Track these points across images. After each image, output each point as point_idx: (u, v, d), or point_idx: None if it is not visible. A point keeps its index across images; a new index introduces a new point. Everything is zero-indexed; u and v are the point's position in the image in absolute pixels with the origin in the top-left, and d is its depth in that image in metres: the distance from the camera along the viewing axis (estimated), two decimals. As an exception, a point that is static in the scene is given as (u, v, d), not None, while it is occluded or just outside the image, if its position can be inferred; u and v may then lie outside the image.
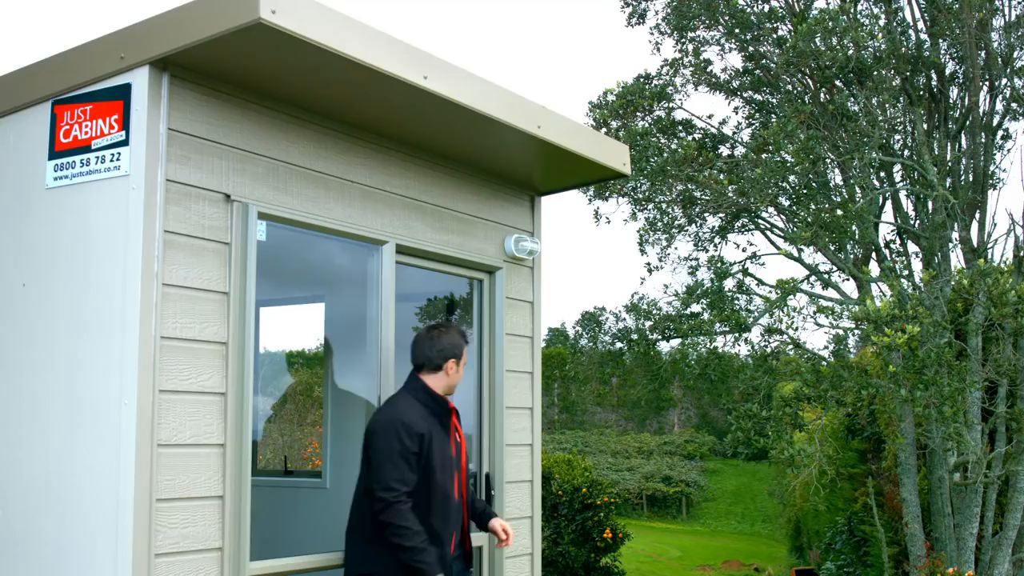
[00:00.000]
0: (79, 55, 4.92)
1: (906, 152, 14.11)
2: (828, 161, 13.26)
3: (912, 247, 14.37)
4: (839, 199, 12.53)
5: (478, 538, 6.26)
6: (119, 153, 4.68)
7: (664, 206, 14.44)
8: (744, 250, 14.59)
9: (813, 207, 12.16)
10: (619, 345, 14.16)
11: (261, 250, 5.08)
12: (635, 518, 35.53)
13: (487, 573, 6.47)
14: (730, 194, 12.54)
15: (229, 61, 4.75)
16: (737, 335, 13.02)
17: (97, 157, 4.76)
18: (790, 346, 12.36)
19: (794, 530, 28.66)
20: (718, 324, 12.73)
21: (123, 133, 4.68)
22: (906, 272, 13.48)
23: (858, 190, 13.35)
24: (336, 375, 7.50)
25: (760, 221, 14.94)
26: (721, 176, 12.33)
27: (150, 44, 4.61)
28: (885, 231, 14.61)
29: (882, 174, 14.46)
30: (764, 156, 12.33)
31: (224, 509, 4.83)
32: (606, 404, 45.09)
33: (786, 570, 26.88)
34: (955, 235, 13.66)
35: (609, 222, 15.29)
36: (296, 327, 8.10)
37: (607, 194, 14.89)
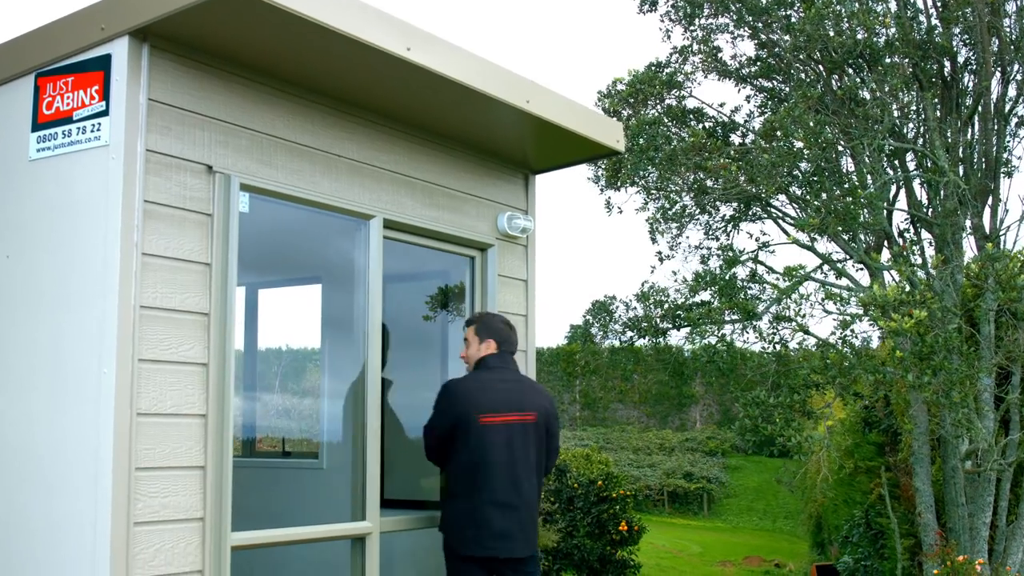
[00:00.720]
0: (61, 27, 4.93)
1: (919, 141, 14.02)
2: (839, 148, 13.20)
3: (925, 236, 14.29)
4: (849, 186, 12.45)
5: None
6: (99, 124, 4.69)
7: (674, 195, 14.39)
8: (757, 240, 14.53)
9: (823, 194, 12.08)
10: (630, 334, 14.12)
11: (257, 230, 5.09)
12: (656, 514, 35.49)
13: None
14: (740, 181, 12.48)
15: (209, 32, 4.75)
16: (745, 323, 12.96)
17: (78, 128, 4.77)
18: (799, 333, 12.30)
19: (815, 526, 28.54)
20: (727, 312, 12.67)
21: (103, 104, 4.69)
22: (919, 260, 13.39)
23: (868, 177, 13.27)
24: (331, 356, 7.50)
25: (772, 210, 14.88)
26: (731, 164, 12.26)
27: (129, 14, 4.61)
28: (898, 220, 14.54)
29: (896, 162, 14.38)
30: (773, 143, 12.27)
31: (206, 479, 4.83)
32: (628, 401, 45.02)
33: (807, 566, 26.76)
34: (968, 223, 13.57)
35: (621, 212, 15.27)
36: (294, 309, 8.09)
37: (618, 184, 14.85)
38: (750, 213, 15.03)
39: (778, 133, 11.89)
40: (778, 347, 12.58)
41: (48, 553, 4.64)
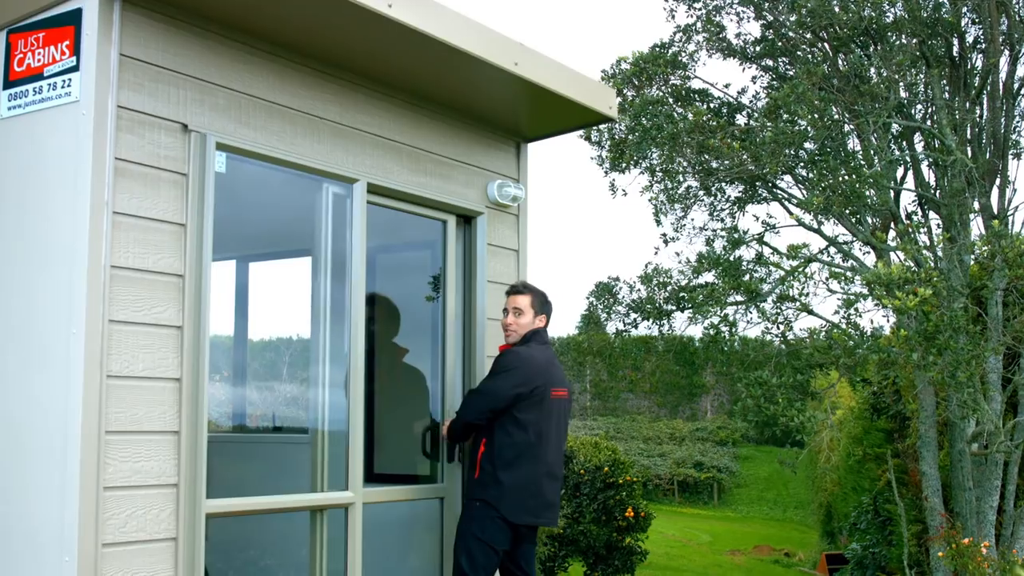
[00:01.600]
0: (32, -19, 4.82)
1: (927, 121, 13.85)
2: (845, 128, 13.05)
3: (933, 218, 14.13)
4: (854, 165, 12.29)
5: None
6: (70, 79, 4.57)
7: (680, 177, 14.24)
8: (764, 222, 14.36)
9: (827, 172, 11.92)
10: (633, 316, 13.98)
11: (243, 201, 4.98)
12: (666, 504, 35.42)
13: None
14: (744, 160, 12.33)
15: (182, -16, 4.64)
16: (749, 304, 12.81)
17: (49, 84, 4.65)
18: (803, 313, 12.15)
19: (825, 515, 28.44)
20: (731, 293, 12.52)
21: (74, 59, 4.57)
22: (925, 241, 13.24)
23: (875, 157, 13.11)
24: (320, 329, 7.36)
25: (778, 191, 14.73)
26: (735, 143, 12.11)
27: (100, -34, 4.50)
28: (906, 202, 14.39)
29: (903, 143, 14.22)
30: (777, 121, 12.11)
31: (180, 445, 4.71)
32: (638, 391, 44.89)
33: (817, 555, 26.66)
34: (975, 204, 13.41)
35: (626, 194, 15.13)
36: (284, 282, 7.96)
37: (622, 166, 14.70)
38: (755, 195, 14.87)
39: (782, 111, 11.73)
40: (781, 327, 12.44)
41: (18, 520, 4.53)
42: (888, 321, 11.91)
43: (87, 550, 4.35)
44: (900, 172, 14.56)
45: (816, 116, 11.60)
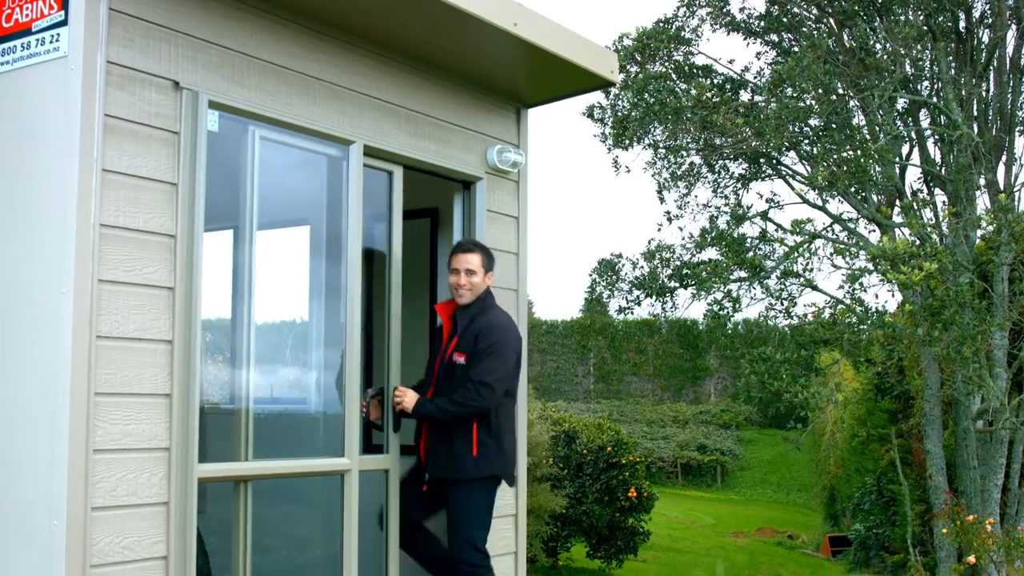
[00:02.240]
0: (20, -65, 4.71)
1: (934, 98, 13.73)
2: (850, 103, 12.93)
3: (939, 196, 14.03)
4: (859, 140, 12.17)
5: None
6: (58, 34, 4.47)
7: (683, 153, 14.13)
8: (768, 200, 14.25)
9: (832, 147, 11.80)
10: (636, 294, 13.88)
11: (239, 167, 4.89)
12: (669, 486, 35.37)
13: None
14: (748, 135, 12.21)
15: (173, -63, 4.53)
16: (752, 280, 12.71)
17: (37, 40, 4.55)
18: (806, 289, 12.06)
19: (829, 498, 28.40)
20: (735, 268, 12.42)
21: (62, 13, 4.47)
22: (931, 219, 13.14)
23: (880, 133, 13.00)
24: (316, 299, 7.27)
25: (782, 168, 14.62)
26: (738, 118, 11.99)
27: (89, -83, 4.39)
28: (911, 178, 14.30)
29: (909, 120, 14.11)
30: (780, 95, 11.99)
31: (172, 408, 4.62)
32: (642, 374, 44.85)
33: (820, 537, 26.61)
34: (982, 180, 13.30)
35: (629, 171, 15.02)
36: (282, 253, 7.85)
37: (625, 142, 14.59)
38: (759, 172, 14.76)
39: (786, 84, 11.61)
40: (785, 303, 12.34)
41: (8, 482, 4.44)
42: (893, 296, 11.81)
43: (76, 513, 4.27)
44: (905, 149, 14.45)
45: (821, 91, 11.47)
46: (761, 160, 14.40)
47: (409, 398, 5.86)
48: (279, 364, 6.38)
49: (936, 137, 13.75)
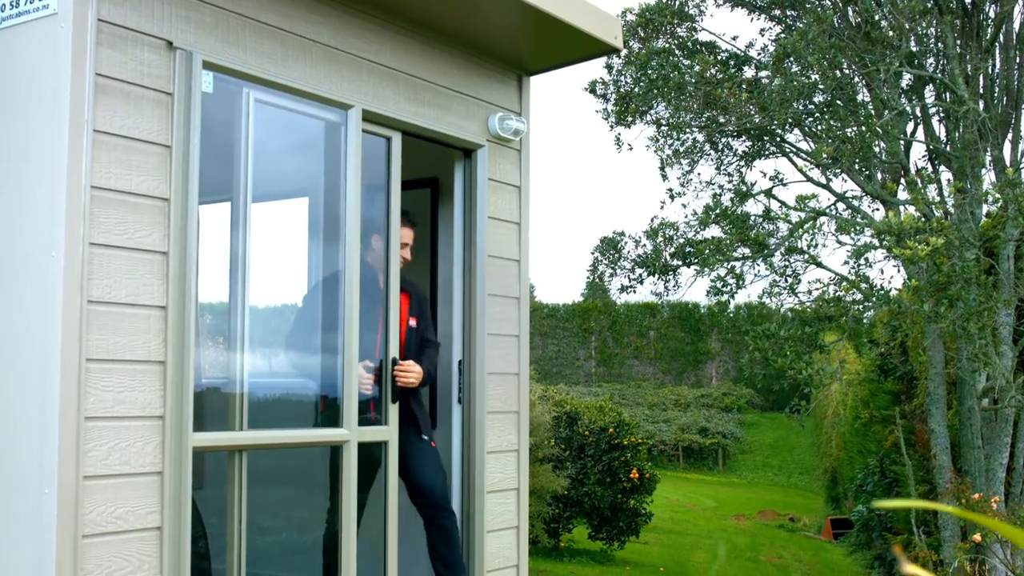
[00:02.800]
0: None
1: (940, 75, 13.60)
2: (855, 79, 12.80)
3: (945, 175, 13.91)
4: (864, 115, 12.04)
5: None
6: (48, -9, 4.35)
7: (685, 127, 14.00)
8: (772, 178, 14.12)
9: (836, 123, 11.67)
10: (639, 272, 13.76)
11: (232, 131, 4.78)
12: (671, 470, 35.35)
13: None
14: (751, 112, 12.09)
15: None
16: (756, 257, 12.59)
17: (26, -3, 4.43)
18: (810, 266, 11.94)
19: (830, 481, 28.36)
20: (738, 245, 12.30)
21: (52, -31, 4.35)
22: (936, 197, 13.02)
23: (885, 111, 12.87)
24: (315, 274, 7.15)
25: (786, 145, 14.49)
26: (741, 93, 11.86)
27: None
28: (916, 156, 14.19)
29: (913, 97, 13.99)
30: (784, 68, 11.86)
31: (166, 375, 4.51)
32: (643, 357, 44.81)
33: (822, 520, 26.58)
34: (987, 158, 13.18)
35: (631, 149, 14.90)
36: (281, 225, 7.73)
37: (628, 120, 14.47)
38: (763, 150, 14.63)
39: (791, 59, 11.47)
40: (789, 280, 12.22)
41: (-3, 451, 4.34)
42: (899, 272, 11.70)
43: (67, 482, 4.16)
44: (910, 128, 14.33)
45: (826, 64, 11.34)
46: (765, 138, 14.27)
47: (418, 370, 5.92)
48: (276, 336, 6.28)
49: (941, 114, 13.62)
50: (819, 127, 13.11)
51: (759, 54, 14.63)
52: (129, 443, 4.40)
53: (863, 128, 11.61)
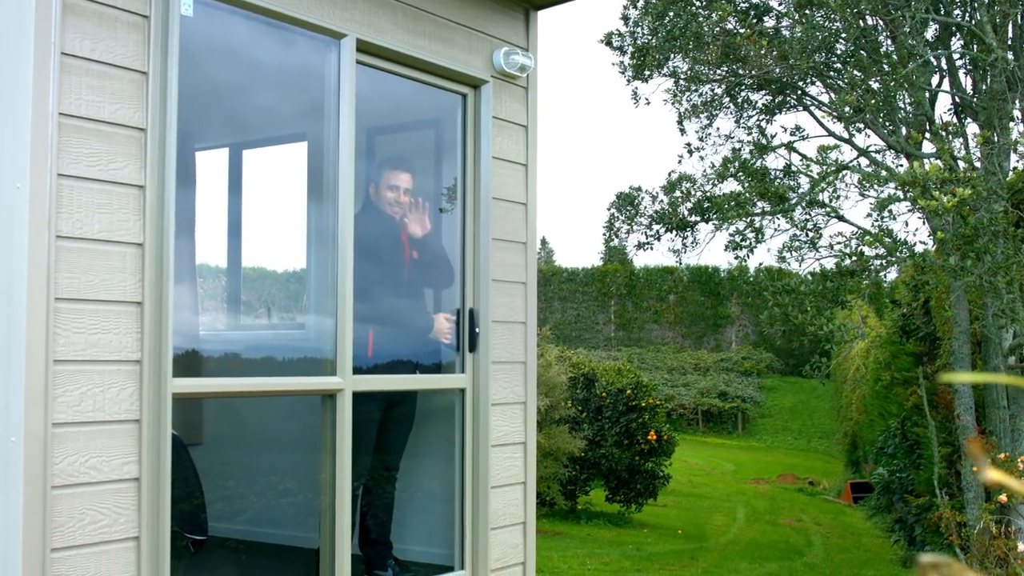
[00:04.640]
0: None
1: (969, 22, 13.19)
2: (878, 27, 12.40)
3: (971, 127, 13.52)
4: (888, 64, 11.65)
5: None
6: (12, -97, 4.04)
7: (705, 81, 13.63)
8: (793, 132, 13.75)
9: (859, 73, 11.30)
10: (656, 228, 13.42)
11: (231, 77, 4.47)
12: (690, 433, 35.20)
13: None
14: (771, 63, 11.71)
15: None
16: (776, 211, 12.25)
17: (-10, -89, 4.12)
18: (832, 219, 11.60)
19: (850, 445, 28.11)
20: (757, 199, 11.96)
21: None
22: (962, 152, 12.64)
23: (909, 58, 12.48)
24: (314, 221, 6.87)
25: (807, 99, 14.12)
26: (762, 40, 11.49)
27: None
28: (941, 110, 13.80)
29: (939, 48, 13.59)
30: (809, 18, 11.48)
31: (143, 317, 4.22)
32: (663, 321, 44.55)
33: (841, 484, 26.35)
34: (1016, 112, 12.79)
35: (648, 103, 14.55)
36: (278, 171, 7.45)
37: (645, 74, 14.11)
38: (784, 103, 14.25)
39: (813, 5, 11.08)
40: (810, 234, 11.87)
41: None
42: (924, 225, 11.36)
43: (35, 430, 3.89)
44: (935, 80, 13.94)
45: (848, 12, 10.95)
46: (786, 91, 13.90)
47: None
48: (268, 280, 6.02)
49: (968, 65, 13.21)
50: (842, 79, 12.72)
51: (779, 3, 14.24)
52: (103, 389, 4.11)
53: (887, 78, 11.22)
